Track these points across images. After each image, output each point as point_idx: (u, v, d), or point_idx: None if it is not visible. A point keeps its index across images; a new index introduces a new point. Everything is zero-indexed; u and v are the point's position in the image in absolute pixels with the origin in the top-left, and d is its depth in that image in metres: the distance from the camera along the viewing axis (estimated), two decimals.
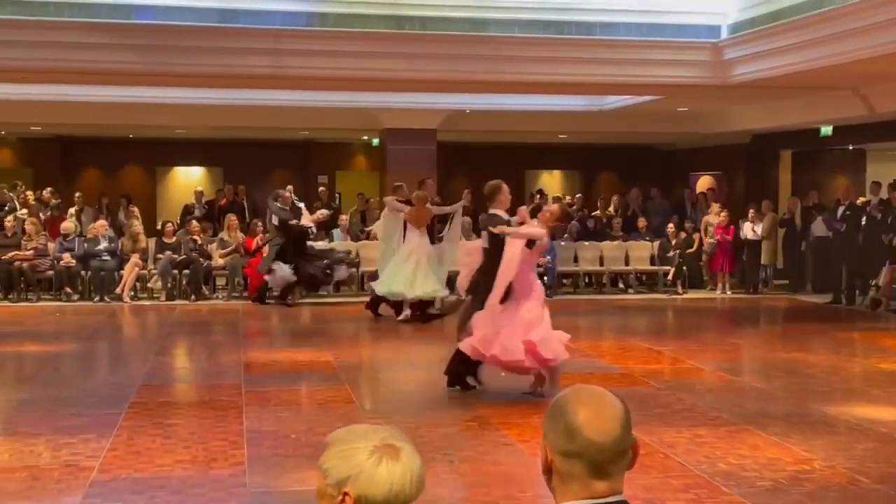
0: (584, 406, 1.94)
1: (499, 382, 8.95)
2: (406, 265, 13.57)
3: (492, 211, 8.94)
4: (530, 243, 8.39)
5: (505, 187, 9.01)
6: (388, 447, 1.86)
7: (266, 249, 15.75)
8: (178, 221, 18.61)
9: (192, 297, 15.92)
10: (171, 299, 15.94)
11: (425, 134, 18.22)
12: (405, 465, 1.85)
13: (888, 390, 9.07)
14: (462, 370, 8.79)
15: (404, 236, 13.86)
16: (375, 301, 14.14)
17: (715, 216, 17.88)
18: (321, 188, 20.32)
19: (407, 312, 13.70)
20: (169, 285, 16.07)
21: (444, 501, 5.84)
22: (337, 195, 21.99)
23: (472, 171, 22.72)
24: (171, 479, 6.16)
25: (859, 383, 9.84)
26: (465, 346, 8.54)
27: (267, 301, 15.57)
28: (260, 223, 17.05)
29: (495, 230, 8.54)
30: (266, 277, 15.31)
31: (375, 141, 20.28)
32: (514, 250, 8.35)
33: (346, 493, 1.83)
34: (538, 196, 21.50)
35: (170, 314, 14.76)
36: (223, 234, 16.97)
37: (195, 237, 16.51)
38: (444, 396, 8.70)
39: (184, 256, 16.13)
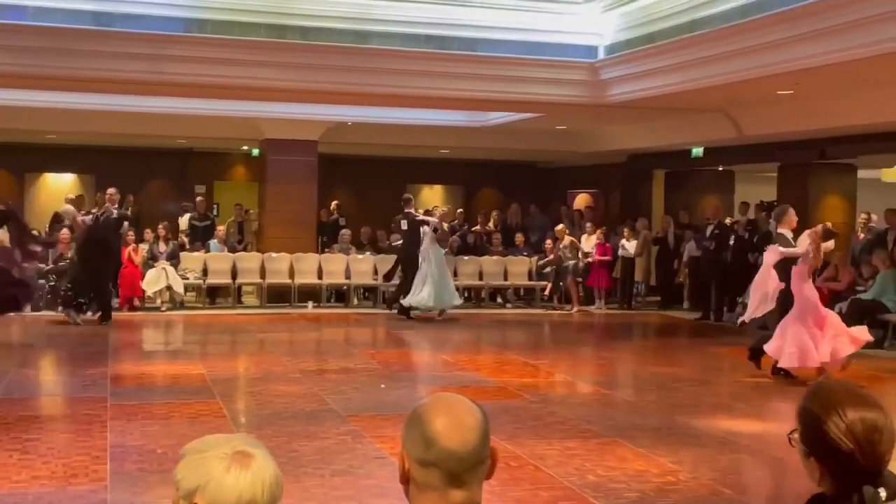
0: (441, 415, 1.92)
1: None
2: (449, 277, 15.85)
3: (779, 230, 10.37)
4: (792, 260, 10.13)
5: (791, 210, 10.52)
6: (239, 455, 1.81)
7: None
8: (48, 230, 17.95)
9: (60, 307, 15.34)
10: (37, 310, 15.35)
11: (306, 145, 18.05)
12: (256, 472, 1.80)
13: (752, 404, 9.37)
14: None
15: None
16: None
17: (589, 236, 18.22)
18: (199, 198, 19.94)
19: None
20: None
21: None
22: (215, 206, 21.61)
23: (353, 183, 22.68)
24: (28, 497, 5.90)
25: (725, 397, 10.13)
26: (787, 361, 10.02)
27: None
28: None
29: (780, 252, 10.13)
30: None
31: (255, 151, 20.00)
32: (771, 258, 10.23)
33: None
34: (434, 209, 21.57)
35: (35, 325, 14.22)
36: None
37: (63, 248, 15.86)
38: (318, 410, 8.60)
39: (50, 266, 15.56)
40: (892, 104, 12.30)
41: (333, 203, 19.39)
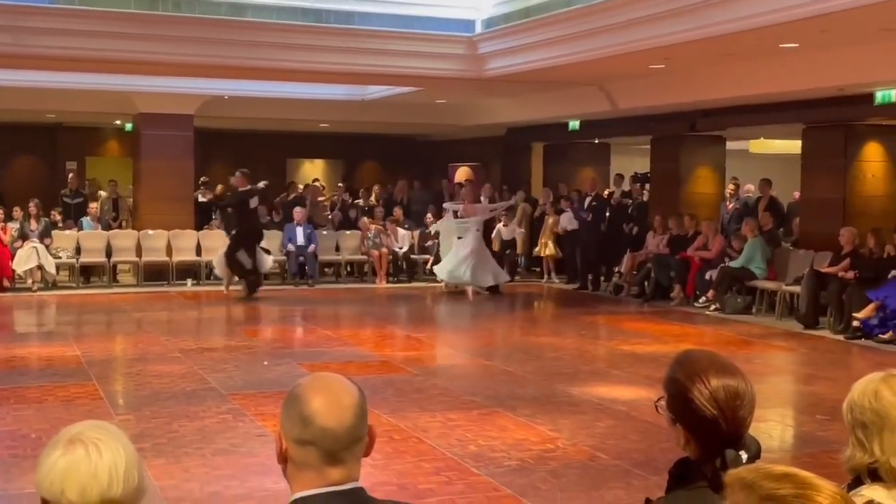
0: (318, 394, 1.93)
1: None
2: None
3: None
4: None
5: None
6: (75, 443, 1.69)
7: None
8: None
9: None
10: None
11: (181, 119, 17.63)
12: (95, 460, 1.67)
13: (627, 370, 9.63)
14: None
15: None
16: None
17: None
18: (70, 174, 19.30)
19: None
20: None
21: (195, 496, 5.69)
22: (87, 182, 20.95)
23: (232, 158, 22.26)
24: None
25: (602, 365, 10.39)
26: None
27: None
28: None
29: None
30: None
31: (129, 126, 19.45)
32: None
33: (42, 499, 1.70)
34: (315, 182, 21.43)
35: None
36: None
37: None
38: (198, 390, 8.48)
39: None
40: (757, 78, 12.73)
41: (201, 179, 19.01)
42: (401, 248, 17.79)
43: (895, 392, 2.35)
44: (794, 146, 16.12)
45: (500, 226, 17.85)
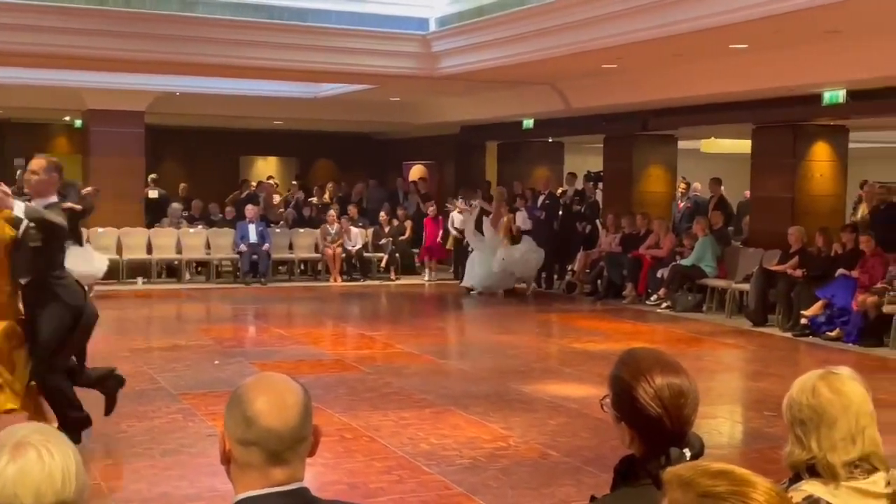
0: (262, 394, 1.93)
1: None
2: None
3: None
4: None
5: None
6: (25, 447, 1.65)
7: None
8: None
9: None
10: None
11: (132, 116, 17.42)
12: (48, 462, 1.64)
13: (579, 368, 9.68)
14: None
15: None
16: None
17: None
18: (18, 172, 18.99)
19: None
20: None
21: (143, 496, 5.63)
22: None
23: (184, 156, 22.12)
24: None
25: (554, 362, 10.44)
26: None
27: None
28: None
29: None
30: None
31: (78, 122, 19.19)
32: None
33: None
34: (269, 179, 21.31)
35: None
36: None
37: None
38: (147, 389, 8.39)
39: None
40: (708, 78, 12.87)
41: (150, 176, 18.81)
42: (354, 247, 17.73)
43: (833, 389, 2.39)
44: (744, 146, 16.31)
45: (454, 213, 17.82)
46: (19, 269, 6.10)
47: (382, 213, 18.69)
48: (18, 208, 5.87)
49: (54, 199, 6.24)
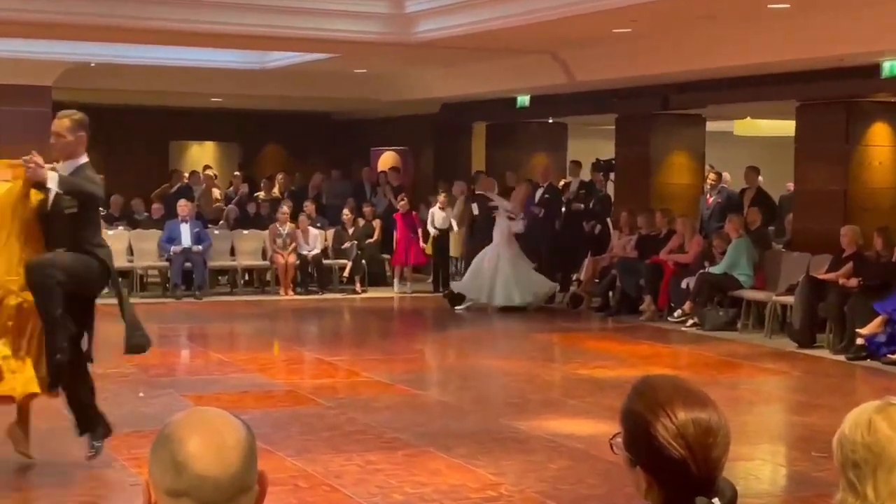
0: (194, 433, 1.91)
1: None
2: None
3: None
4: None
5: None
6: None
7: None
8: None
9: None
10: None
11: (37, 92, 17.35)
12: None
13: (586, 400, 9.69)
14: None
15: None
16: None
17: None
18: None
19: None
20: None
21: None
22: None
23: (100, 141, 21.91)
24: None
25: (556, 393, 10.46)
26: None
27: None
28: None
29: None
30: None
31: None
32: None
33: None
34: (206, 169, 21.26)
35: None
36: None
37: None
38: (57, 428, 8.33)
39: None
40: (743, 46, 12.92)
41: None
42: (310, 252, 17.70)
43: (893, 425, 2.39)
44: (786, 127, 16.39)
45: (435, 208, 17.83)
46: (56, 237, 6.83)
47: (346, 211, 18.68)
48: (52, 180, 6.62)
49: (84, 159, 7.05)
